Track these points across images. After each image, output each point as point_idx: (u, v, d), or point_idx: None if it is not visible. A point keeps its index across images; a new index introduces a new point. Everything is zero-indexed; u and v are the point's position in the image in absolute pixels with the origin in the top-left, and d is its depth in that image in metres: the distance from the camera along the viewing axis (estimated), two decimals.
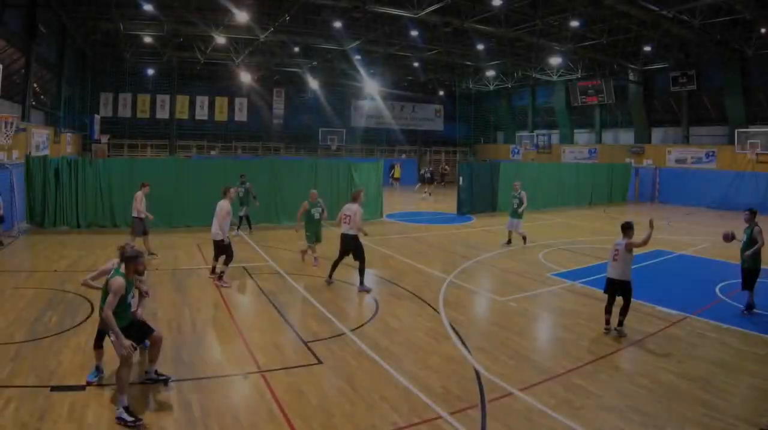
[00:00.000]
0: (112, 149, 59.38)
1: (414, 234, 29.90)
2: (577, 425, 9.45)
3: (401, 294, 17.99)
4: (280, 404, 10.05)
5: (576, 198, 46.50)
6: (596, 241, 28.85)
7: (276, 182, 31.97)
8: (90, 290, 11.82)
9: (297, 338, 13.57)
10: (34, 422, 9.04)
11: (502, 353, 12.78)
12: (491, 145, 77.69)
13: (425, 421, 9.59)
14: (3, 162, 27.08)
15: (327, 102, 68.20)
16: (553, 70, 58.86)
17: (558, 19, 40.76)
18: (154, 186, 27.37)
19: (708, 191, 47.67)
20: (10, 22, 31.76)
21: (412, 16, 37.81)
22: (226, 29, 44.11)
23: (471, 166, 40.78)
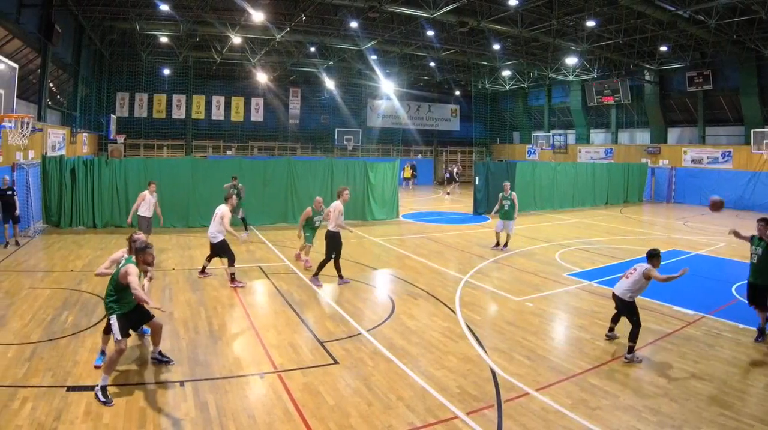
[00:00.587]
0: (128, 149, 59.45)
1: (430, 234, 29.84)
2: (594, 425, 9.45)
3: (417, 294, 17.98)
4: (296, 404, 10.06)
5: (592, 198, 46.43)
6: (613, 241, 28.76)
7: (292, 182, 31.95)
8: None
9: (313, 338, 13.58)
10: (51, 422, 9.06)
11: (518, 353, 12.78)
12: (507, 145, 77.64)
13: (441, 421, 9.59)
14: (19, 162, 27.10)
15: (343, 102, 68.22)
16: (569, 70, 58.71)
17: (574, 19, 40.70)
18: (170, 186, 27.82)
19: (724, 191, 46.68)
20: (26, 23, 31.70)
21: (428, 16, 37.75)
22: (243, 29, 44.24)
23: (487, 166, 40.73)
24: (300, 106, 68.58)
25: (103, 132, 53.99)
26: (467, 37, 48.99)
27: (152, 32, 47.46)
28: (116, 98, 59.88)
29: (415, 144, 75.41)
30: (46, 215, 28.49)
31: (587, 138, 65.37)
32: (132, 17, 42.15)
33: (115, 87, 59.83)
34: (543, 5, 38.73)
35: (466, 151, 77.41)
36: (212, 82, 64.41)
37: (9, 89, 18.03)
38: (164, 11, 39.69)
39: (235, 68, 64.15)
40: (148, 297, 10.71)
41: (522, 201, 36.00)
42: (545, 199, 42.37)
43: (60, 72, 42.58)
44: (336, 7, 41.37)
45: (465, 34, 46.40)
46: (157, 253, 22.36)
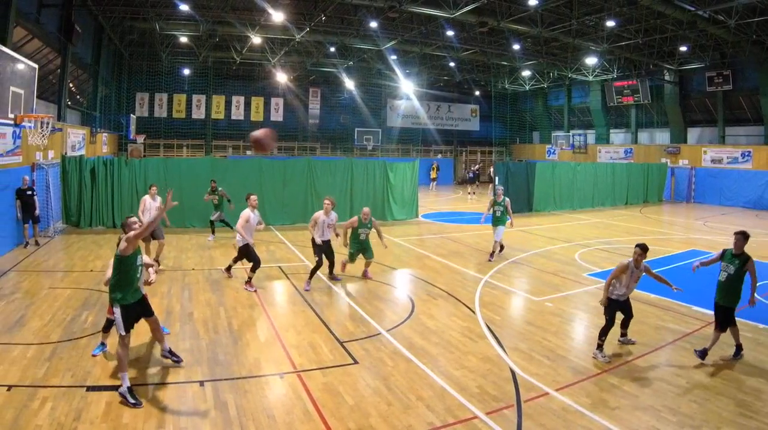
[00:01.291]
0: (147, 149, 59.68)
1: (449, 234, 29.82)
2: (613, 424, 9.45)
3: (437, 294, 17.99)
4: (315, 404, 10.09)
5: (612, 198, 46.40)
6: (633, 241, 28.21)
7: (312, 182, 32.01)
8: None
9: (333, 338, 13.60)
10: (70, 422, 9.10)
11: (537, 353, 12.78)
12: (527, 145, 77.50)
13: (461, 421, 9.60)
14: (39, 162, 27.16)
15: (363, 102, 68.26)
16: (588, 70, 58.73)
17: (594, 19, 40.76)
18: (190, 186, 27.91)
19: (744, 191, 47.50)
20: (46, 22, 31.89)
21: (448, 16, 37.80)
22: (262, 29, 44.41)
23: (507, 166, 40.63)
24: (320, 106, 68.65)
25: (122, 132, 54.16)
26: (487, 37, 49.03)
27: (172, 32, 47.63)
28: (136, 98, 60.16)
29: (434, 144, 75.34)
30: (65, 215, 28.60)
31: (607, 138, 65.24)
32: (152, 17, 42.40)
33: (135, 87, 60.09)
34: (563, 5, 38.83)
35: (485, 151, 77.37)
36: (232, 82, 64.61)
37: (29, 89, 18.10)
38: (184, 11, 39.90)
39: (255, 68, 64.30)
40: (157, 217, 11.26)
41: (542, 201, 36.01)
42: (565, 200, 42.36)
43: (80, 72, 42.70)
44: (356, 7, 41.44)
45: (485, 34, 46.43)
46: (177, 253, 22.50)
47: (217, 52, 57.00)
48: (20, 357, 11.71)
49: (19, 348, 12.23)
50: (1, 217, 22.25)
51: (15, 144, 24.22)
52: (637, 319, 14.60)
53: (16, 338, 12.86)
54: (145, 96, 60.63)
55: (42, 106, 30.56)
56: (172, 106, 61.75)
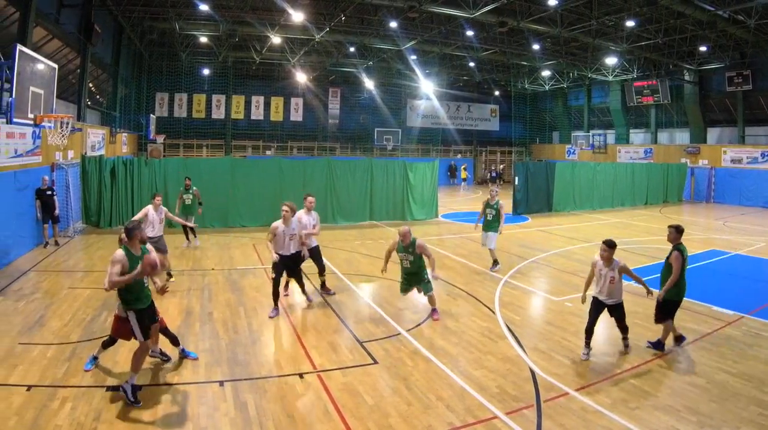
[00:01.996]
0: (167, 149, 59.90)
1: (469, 234, 29.37)
2: (633, 424, 9.46)
3: (457, 294, 18.04)
4: (335, 404, 10.14)
5: (631, 198, 46.35)
6: (652, 241, 28.60)
7: (331, 182, 32.06)
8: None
9: (353, 338, 13.66)
10: (90, 422, 9.19)
11: (557, 353, 12.83)
12: (547, 145, 77.44)
13: (481, 421, 9.64)
14: (59, 162, 27.26)
15: (382, 102, 68.37)
16: (608, 70, 58.67)
17: (613, 19, 40.66)
18: (210, 186, 28.11)
19: (764, 191, 47.42)
20: (66, 23, 31.98)
21: (468, 16, 37.76)
22: (282, 29, 44.43)
23: (526, 165, 40.69)
24: (339, 106, 68.71)
25: (142, 132, 54.20)
26: (507, 37, 49.01)
27: (191, 32, 47.73)
28: (155, 98, 60.33)
29: (454, 144, 75.35)
30: (85, 215, 28.71)
31: (627, 138, 65.12)
32: (171, 17, 42.51)
33: (155, 87, 60.27)
34: (582, 5, 38.76)
35: (505, 151, 77.40)
36: (252, 82, 64.69)
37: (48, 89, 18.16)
38: (204, 11, 40.02)
39: (275, 68, 64.41)
40: (132, 276, 10.34)
41: (561, 201, 35.86)
42: (584, 200, 42.36)
43: (99, 72, 42.87)
44: (375, 7, 41.42)
45: (504, 34, 46.36)
46: (197, 252, 22.47)
47: (236, 52, 57.10)
48: (40, 357, 11.80)
49: (39, 348, 12.32)
50: (21, 217, 22.34)
51: (35, 144, 24.30)
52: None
53: (36, 338, 12.95)
54: (165, 96, 60.81)
55: (62, 106, 30.66)
56: (191, 106, 61.91)
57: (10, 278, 18.61)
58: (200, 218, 27.79)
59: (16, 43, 16.63)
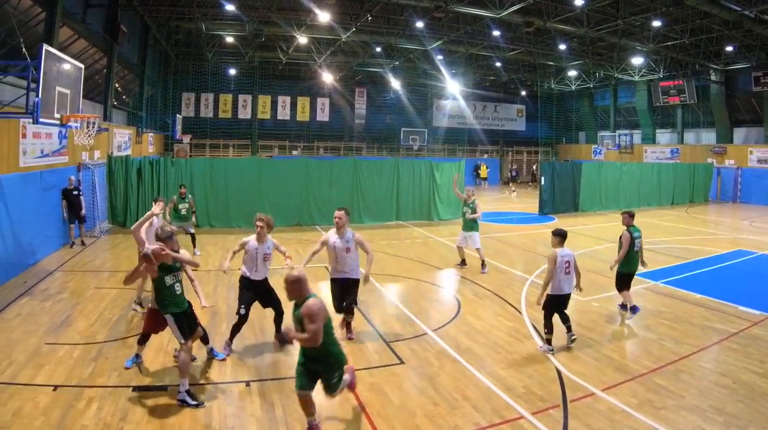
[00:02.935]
0: (193, 149, 60.34)
1: (495, 234, 29.74)
2: (659, 425, 9.45)
3: (483, 294, 18.03)
4: (362, 404, 10.18)
5: (658, 198, 46.19)
6: (679, 241, 28.62)
7: (358, 182, 32.06)
8: None
9: (379, 338, 13.71)
10: (117, 422, 9.23)
11: (583, 353, 12.82)
12: (573, 145, 77.38)
13: (507, 421, 9.64)
14: (85, 162, 27.42)
15: (409, 102, 68.44)
16: (634, 70, 58.32)
17: (640, 19, 40.51)
18: (236, 186, 28.50)
19: None
20: (92, 22, 32.21)
21: (494, 16, 37.78)
22: (308, 29, 44.51)
23: (553, 165, 40.72)
24: (366, 106, 69.08)
25: (168, 132, 54.46)
26: (533, 37, 48.98)
27: (218, 32, 48.00)
28: (182, 98, 60.86)
29: (480, 144, 75.40)
30: (111, 215, 28.76)
31: (653, 138, 64.87)
32: (197, 17, 42.71)
33: (181, 87, 60.81)
34: (609, 5, 38.68)
35: (531, 151, 77.29)
36: (278, 82, 64.93)
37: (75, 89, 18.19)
38: (230, 11, 40.17)
39: (301, 68, 64.62)
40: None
41: (587, 201, 35.81)
42: (611, 200, 42.19)
43: (126, 72, 43.17)
44: (402, 7, 41.36)
45: (531, 34, 46.33)
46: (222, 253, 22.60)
47: (263, 52, 57.23)
48: (66, 357, 11.87)
49: (65, 348, 12.39)
50: (48, 217, 22.41)
51: (61, 144, 24.43)
52: (683, 319, 14.98)
53: (63, 338, 13.03)
54: (191, 96, 61.31)
55: (88, 106, 30.86)
56: (218, 106, 62.25)
57: (37, 278, 18.73)
58: (227, 218, 27.94)
59: (42, 43, 16.71)
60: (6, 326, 13.75)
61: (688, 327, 14.53)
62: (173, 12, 42.43)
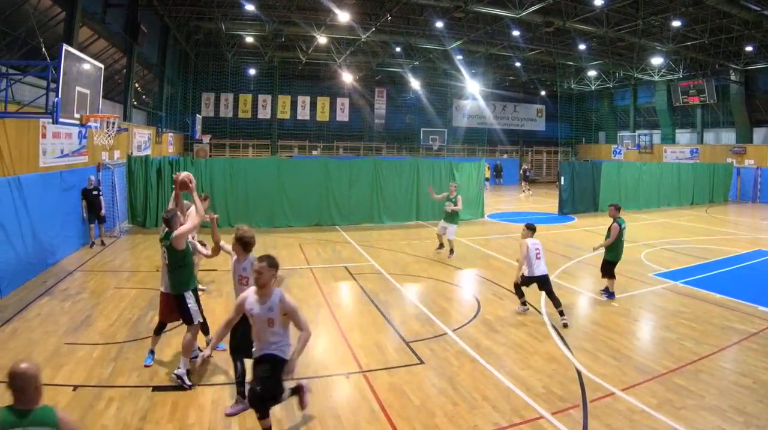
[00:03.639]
0: (213, 149, 60.59)
1: (515, 234, 28.92)
2: (679, 425, 9.43)
3: (503, 294, 18.05)
4: (381, 404, 10.19)
5: (677, 198, 46.04)
6: (698, 241, 28.53)
7: (378, 182, 32.06)
8: None
9: (399, 338, 13.70)
10: (136, 422, 9.28)
11: (603, 353, 12.80)
12: (593, 145, 77.26)
13: (527, 421, 9.64)
14: (105, 162, 27.49)
15: (428, 102, 68.49)
16: (654, 70, 58.21)
17: (659, 19, 40.56)
18: (256, 186, 28.79)
19: None
20: (112, 23, 32.44)
21: (514, 16, 37.90)
22: (328, 29, 44.68)
23: (572, 165, 40.68)
24: (385, 106, 69.23)
25: (188, 132, 54.74)
26: (553, 37, 49.05)
27: (238, 32, 48.29)
28: (202, 98, 61.20)
29: (500, 144, 75.35)
30: (131, 215, 28.82)
31: (673, 138, 64.75)
32: (217, 17, 42.98)
33: (201, 87, 61.16)
34: (628, 5, 38.75)
35: (551, 151, 77.32)
36: (298, 82, 65.20)
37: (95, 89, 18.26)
38: (250, 11, 40.38)
39: (321, 68, 64.75)
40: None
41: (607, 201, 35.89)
42: (630, 200, 41.92)
43: (145, 72, 43.30)
44: (421, 7, 41.61)
45: (550, 34, 46.35)
46: None
47: (282, 52, 57.47)
48: (86, 357, 11.92)
49: (85, 348, 12.45)
50: (67, 217, 22.47)
51: (81, 144, 24.60)
52: (703, 319, 14.96)
53: (82, 338, 13.09)
54: (210, 96, 61.61)
55: (108, 106, 30.95)
56: (237, 106, 62.52)
57: (57, 278, 18.80)
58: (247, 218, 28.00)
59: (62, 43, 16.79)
60: (26, 326, 13.82)
61: (708, 327, 14.51)
62: (193, 12, 42.66)
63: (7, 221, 16.83)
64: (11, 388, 5.32)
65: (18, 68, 19.96)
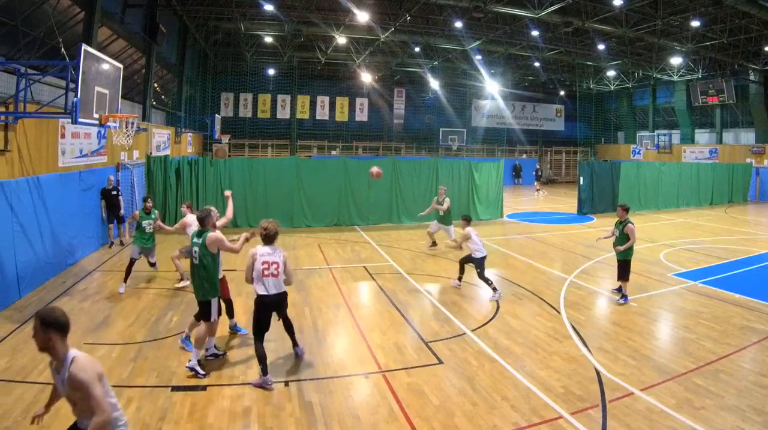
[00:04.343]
0: (232, 149, 60.69)
1: (534, 234, 29.77)
2: (698, 425, 9.45)
3: (522, 294, 18.05)
4: (400, 404, 10.22)
5: (696, 198, 45.95)
6: (718, 241, 28.45)
7: (397, 182, 32.15)
8: None
9: (418, 338, 13.71)
10: (156, 422, 9.34)
11: (622, 353, 12.80)
12: (612, 146, 76.86)
13: (546, 421, 9.67)
14: (124, 162, 27.59)
15: (447, 102, 68.33)
16: (673, 70, 57.96)
17: (678, 19, 40.42)
18: (275, 186, 28.84)
19: None
20: (131, 23, 32.47)
21: (533, 16, 37.81)
22: (347, 29, 44.70)
23: (591, 165, 40.48)
24: (404, 106, 69.04)
25: (207, 132, 54.47)
26: (572, 37, 49.07)
27: (257, 32, 48.29)
28: (221, 98, 61.33)
29: (519, 144, 75.18)
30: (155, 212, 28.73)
31: (692, 138, 64.47)
32: (236, 17, 43.12)
33: (220, 87, 61.31)
34: (647, 5, 38.58)
35: (570, 151, 77.10)
36: (317, 82, 65.25)
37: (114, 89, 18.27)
38: (269, 11, 40.41)
39: (340, 68, 64.81)
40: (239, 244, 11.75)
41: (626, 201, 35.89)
42: (649, 200, 42.14)
43: (164, 72, 43.47)
44: (440, 7, 41.49)
45: (570, 34, 46.50)
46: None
47: (301, 52, 57.49)
48: (105, 357, 11.96)
49: (104, 348, 12.53)
50: (87, 217, 22.57)
51: (100, 144, 24.66)
52: (722, 319, 15.00)
53: (102, 339, 13.17)
54: (230, 96, 61.74)
55: (127, 106, 31.25)
56: (256, 106, 62.60)
57: (76, 278, 18.93)
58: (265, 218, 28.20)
59: (81, 43, 16.84)
60: None
61: (727, 327, 14.51)
62: (212, 12, 42.76)
63: (27, 221, 16.90)
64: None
65: (37, 68, 20.00)
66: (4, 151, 16.48)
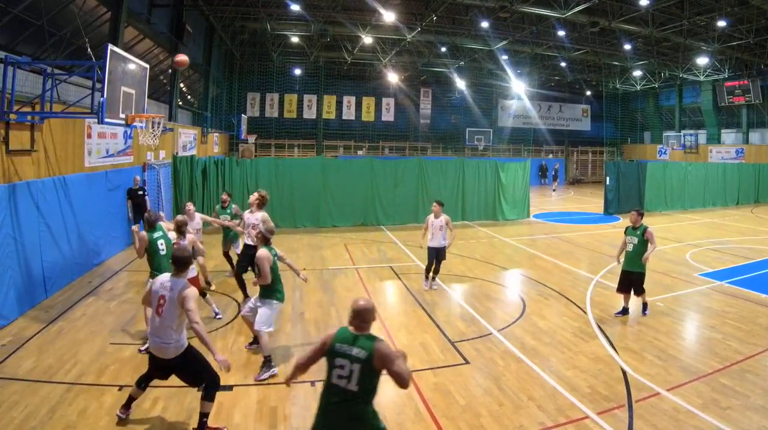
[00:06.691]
0: (258, 149, 60.69)
1: (560, 234, 29.76)
2: (724, 425, 9.45)
3: (548, 294, 18.08)
4: (427, 404, 10.26)
5: (723, 198, 45.76)
6: (744, 241, 28.37)
7: (423, 182, 32.06)
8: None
9: (444, 338, 13.74)
10: (182, 422, 9.45)
11: (649, 353, 12.80)
12: (638, 145, 76.59)
13: (572, 421, 9.71)
14: (150, 162, 27.72)
15: (474, 102, 68.21)
16: (699, 70, 57.73)
17: (705, 19, 40.33)
18: (301, 186, 29.13)
19: None
20: (157, 23, 32.62)
21: (559, 16, 37.81)
22: (373, 29, 44.77)
23: (617, 165, 40.33)
24: (431, 106, 68.94)
25: (233, 132, 54.59)
26: (598, 37, 48.90)
27: (283, 32, 48.46)
28: (247, 98, 61.40)
29: (546, 144, 74.91)
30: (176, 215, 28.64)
31: (718, 138, 64.17)
32: (263, 17, 43.20)
33: (246, 87, 61.35)
34: (674, 5, 38.56)
35: (597, 151, 76.67)
36: (343, 82, 65.26)
37: (140, 89, 18.33)
38: (295, 11, 40.54)
39: (366, 68, 64.86)
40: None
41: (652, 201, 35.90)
42: (675, 200, 42.04)
43: (191, 72, 43.50)
44: (467, 7, 41.68)
45: (596, 34, 46.24)
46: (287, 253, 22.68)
47: (328, 53, 57.59)
48: (132, 357, 12.09)
49: (130, 348, 12.63)
50: (113, 217, 22.70)
51: (126, 144, 24.78)
52: (749, 319, 15.00)
53: (128, 339, 13.28)
54: (256, 96, 61.84)
55: (153, 106, 31.39)
56: (283, 106, 62.74)
57: (102, 278, 19.05)
58: (292, 219, 28.20)
59: (107, 43, 16.92)
60: (72, 326, 14.02)
61: (754, 327, 14.51)
62: (238, 12, 42.89)
63: (53, 221, 17.01)
64: (354, 316, 7.21)
65: (63, 68, 20.01)
66: (31, 151, 16.56)
